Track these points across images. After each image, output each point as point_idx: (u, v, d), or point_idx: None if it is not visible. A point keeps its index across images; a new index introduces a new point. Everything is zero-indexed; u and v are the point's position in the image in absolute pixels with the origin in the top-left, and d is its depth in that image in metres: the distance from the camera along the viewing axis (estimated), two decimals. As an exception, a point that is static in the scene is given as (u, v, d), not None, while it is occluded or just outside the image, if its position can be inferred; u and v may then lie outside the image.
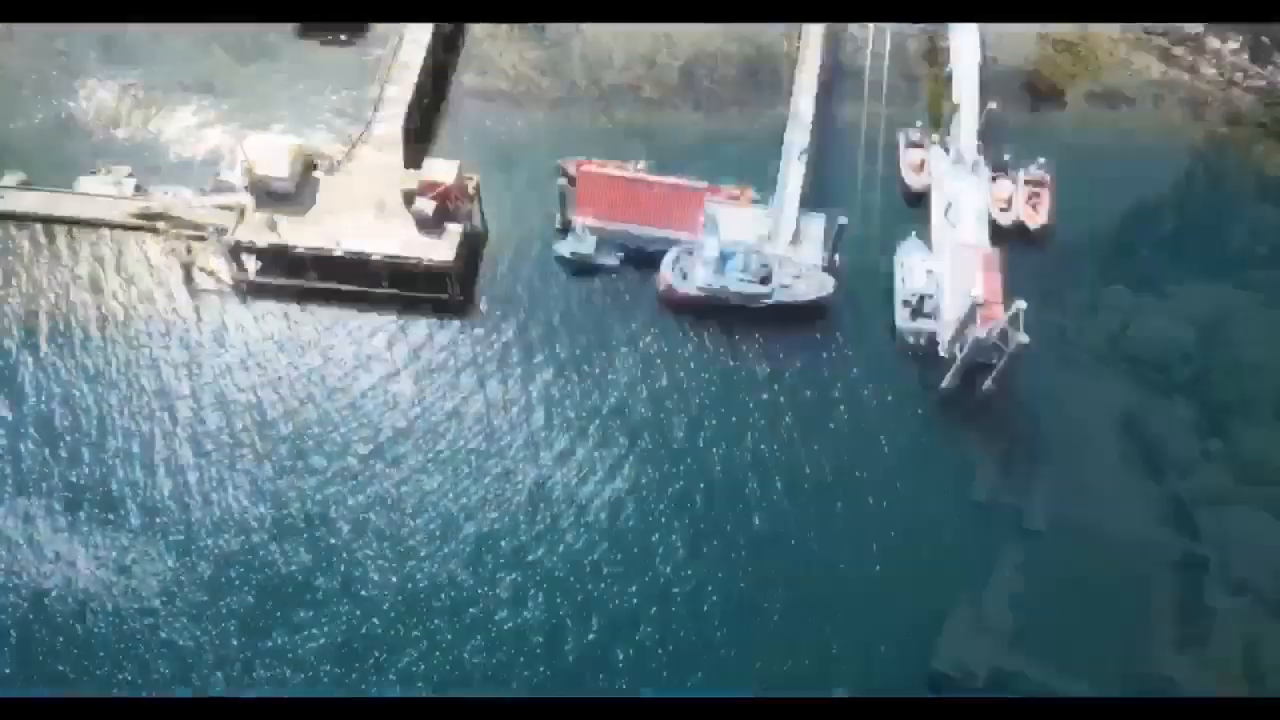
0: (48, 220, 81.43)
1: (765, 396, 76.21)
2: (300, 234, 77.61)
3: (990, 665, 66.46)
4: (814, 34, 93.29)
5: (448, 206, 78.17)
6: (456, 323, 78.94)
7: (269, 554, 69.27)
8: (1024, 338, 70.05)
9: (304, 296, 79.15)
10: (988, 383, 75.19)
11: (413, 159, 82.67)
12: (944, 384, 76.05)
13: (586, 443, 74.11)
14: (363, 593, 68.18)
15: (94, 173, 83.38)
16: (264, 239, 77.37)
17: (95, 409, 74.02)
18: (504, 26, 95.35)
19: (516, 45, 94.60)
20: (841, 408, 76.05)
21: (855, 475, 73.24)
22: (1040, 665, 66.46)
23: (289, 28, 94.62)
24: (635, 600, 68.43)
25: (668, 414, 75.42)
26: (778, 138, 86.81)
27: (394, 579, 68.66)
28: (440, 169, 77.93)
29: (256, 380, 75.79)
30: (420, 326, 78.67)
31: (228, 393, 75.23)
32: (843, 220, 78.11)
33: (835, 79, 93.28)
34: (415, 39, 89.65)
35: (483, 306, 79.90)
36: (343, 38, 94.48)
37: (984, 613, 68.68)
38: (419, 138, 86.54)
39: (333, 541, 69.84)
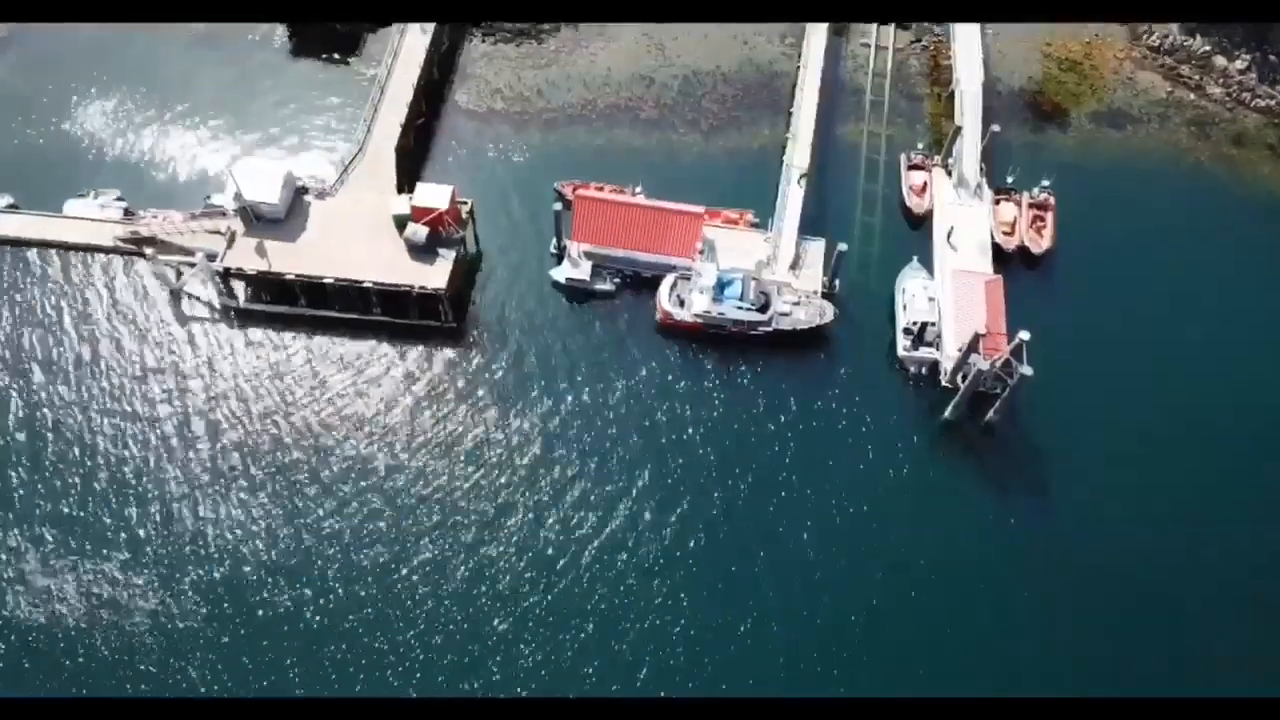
0: (35, 244, 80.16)
1: (765, 427, 74.66)
2: (290, 260, 76.19)
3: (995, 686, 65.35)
4: (814, 53, 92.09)
5: (441, 232, 76.73)
6: (450, 349, 77.51)
7: (259, 585, 67.95)
8: (1027, 370, 68.60)
9: (294, 323, 77.81)
10: (991, 413, 73.65)
11: (406, 181, 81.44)
12: (946, 414, 74.58)
13: (583, 474, 72.65)
14: (356, 626, 66.79)
15: (82, 195, 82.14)
16: (253, 265, 75.94)
17: (84, 437, 72.80)
18: (499, 45, 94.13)
19: (512, 65, 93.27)
20: (842, 438, 74.54)
21: (857, 506, 71.71)
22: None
23: (283, 46, 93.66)
24: (631, 635, 66.97)
25: (666, 445, 73.91)
26: (778, 158, 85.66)
27: (387, 613, 67.24)
28: (433, 194, 76.47)
29: (246, 410, 74.42)
30: (413, 353, 77.28)
31: (218, 422, 73.87)
32: (842, 247, 76.73)
33: (836, 98, 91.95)
34: (409, 58, 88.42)
35: (476, 333, 78.48)
36: (336, 56, 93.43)
37: (984, 638, 67.34)
38: (412, 159, 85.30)
39: (325, 574, 68.46)
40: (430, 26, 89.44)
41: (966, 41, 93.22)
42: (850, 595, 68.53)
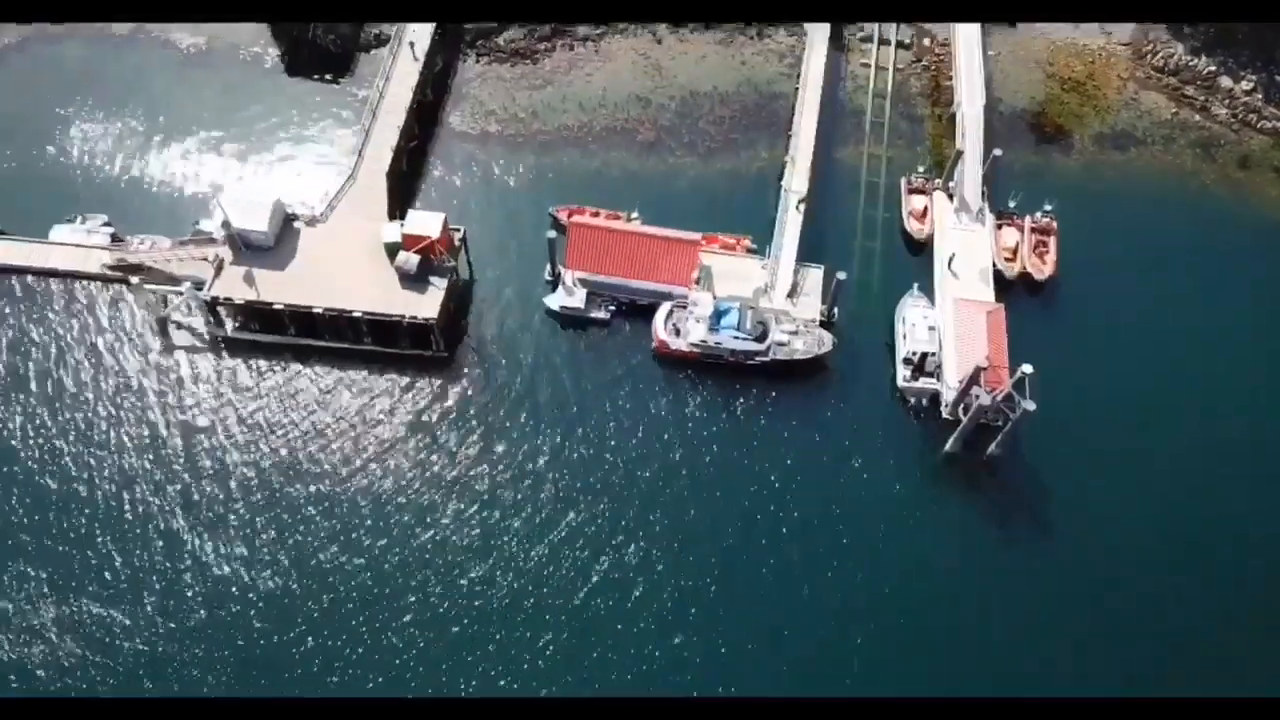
0: (20, 271, 78.74)
1: (763, 460, 73.13)
2: (279, 289, 74.77)
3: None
4: (814, 73, 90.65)
5: (432, 260, 75.32)
6: (441, 380, 76.03)
7: (246, 621, 66.60)
8: (1030, 405, 67.11)
9: (283, 352, 76.33)
10: (993, 447, 72.20)
11: (398, 206, 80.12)
12: (948, 447, 73.12)
13: (579, 509, 71.06)
14: (347, 661, 65.47)
15: (69, 220, 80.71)
16: (241, 294, 74.55)
17: (70, 468, 71.43)
18: (493, 66, 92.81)
19: (506, 86, 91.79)
20: (842, 470, 73.09)
21: (857, 540, 70.32)
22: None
23: (275, 66, 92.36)
24: (630, 672, 65.52)
25: (664, 477, 72.36)
26: (776, 182, 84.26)
27: (377, 650, 65.92)
28: (424, 222, 75.05)
29: (233, 441, 73.01)
30: (403, 384, 75.76)
31: (204, 453, 72.48)
32: (841, 276, 75.21)
33: (836, 119, 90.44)
34: (401, 80, 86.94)
35: (468, 362, 77.05)
36: (328, 77, 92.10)
37: (983, 672, 65.97)
38: (404, 184, 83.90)
39: (312, 609, 67.09)
40: (423, 47, 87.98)
41: (968, 61, 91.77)
42: (849, 627, 67.27)
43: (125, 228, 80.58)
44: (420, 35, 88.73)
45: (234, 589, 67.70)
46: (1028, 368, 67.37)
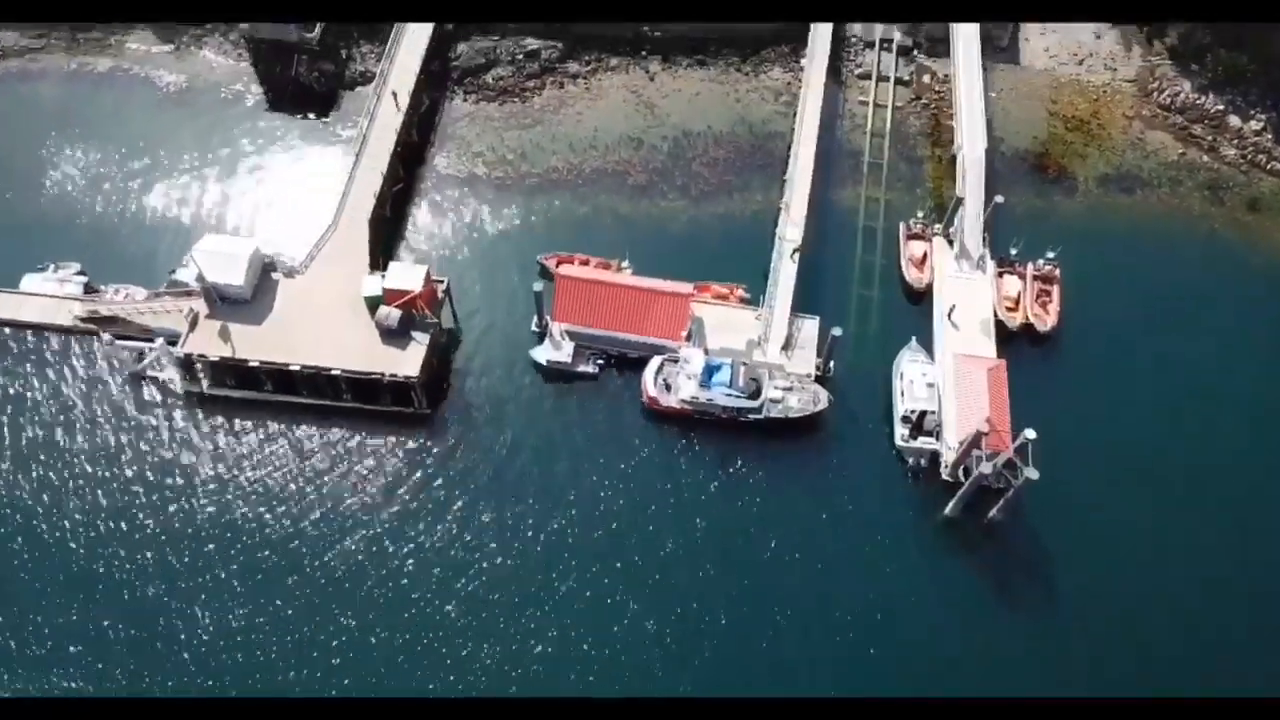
0: (-11, 323, 76.52)
1: (757, 523, 70.33)
2: (256, 346, 72.27)
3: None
4: (810, 111, 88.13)
5: (414, 315, 72.83)
6: (423, 439, 73.34)
7: (219, 689, 64.16)
8: (1033, 473, 64.45)
9: (260, 409, 73.79)
10: (994, 511, 69.60)
11: (380, 254, 77.77)
12: (947, 511, 70.52)
13: (567, 575, 68.24)
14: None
15: (40, 269, 78.26)
16: (215, 351, 72.05)
17: (38, 531, 69.03)
18: (481, 105, 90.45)
19: (495, 126, 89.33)
20: (837, 533, 70.22)
21: (849, 608, 67.61)
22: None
23: (257, 104, 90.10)
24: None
25: (653, 540, 69.58)
26: (771, 227, 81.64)
27: None
28: (407, 275, 72.66)
29: (205, 503, 70.36)
30: (384, 443, 73.02)
31: (176, 516, 69.81)
32: (836, 332, 72.65)
33: (833, 160, 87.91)
34: (385, 120, 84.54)
35: (452, 420, 74.39)
36: (310, 115, 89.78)
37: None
38: (388, 229, 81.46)
39: (288, 681, 64.54)
40: (406, 93, 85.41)
41: (968, 101, 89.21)
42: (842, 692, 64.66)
43: (99, 276, 78.08)
44: (405, 78, 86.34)
45: (206, 656, 65.07)
46: (1030, 433, 64.66)
